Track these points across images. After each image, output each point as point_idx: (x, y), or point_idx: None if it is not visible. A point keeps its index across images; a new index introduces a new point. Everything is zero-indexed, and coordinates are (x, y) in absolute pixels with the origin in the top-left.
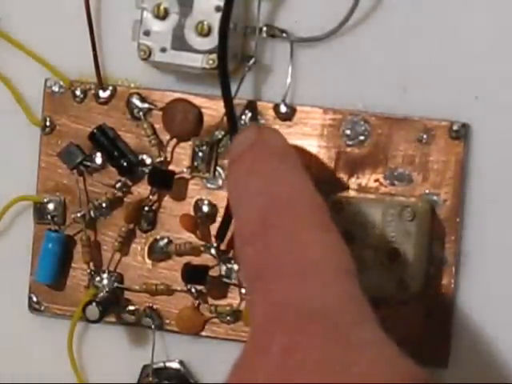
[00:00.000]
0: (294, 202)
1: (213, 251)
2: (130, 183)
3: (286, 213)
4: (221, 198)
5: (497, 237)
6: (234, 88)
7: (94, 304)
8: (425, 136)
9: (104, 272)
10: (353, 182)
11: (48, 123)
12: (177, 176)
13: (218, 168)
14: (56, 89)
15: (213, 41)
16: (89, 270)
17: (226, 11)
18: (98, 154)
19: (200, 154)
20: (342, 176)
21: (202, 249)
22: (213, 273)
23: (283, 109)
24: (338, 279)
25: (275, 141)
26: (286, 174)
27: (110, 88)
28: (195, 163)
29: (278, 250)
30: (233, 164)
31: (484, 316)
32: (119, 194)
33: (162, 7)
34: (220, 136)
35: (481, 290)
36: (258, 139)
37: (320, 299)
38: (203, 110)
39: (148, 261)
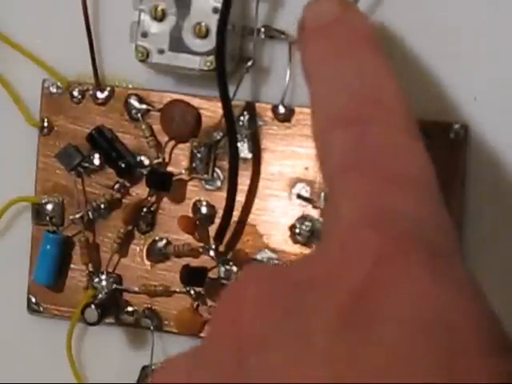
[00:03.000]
0: (390, 99)
1: (211, 253)
2: (128, 184)
3: (384, 108)
4: (219, 199)
5: (496, 238)
6: (232, 89)
7: (92, 306)
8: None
9: (103, 273)
10: None
11: (46, 124)
12: (175, 177)
13: (216, 169)
14: (54, 90)
15: (211, 42)
16: (87, 272)
17: (224, 13)
18: (96, 156)
19: (198, 155)
20: None
21: (200, 250)
22: (212, 274)
23: (282, 110)
24: (433, 199)
25: (361, 20)
26: (380, 63)
27: (108, 89)
28: (193, 164)
29: (374, 145)
30: (315, 33)
31: None
32: (117, 195)
33: (159, 9)
34: (218, 137)
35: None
36: (344, 15)
37: (421, 216)
38: (201, 112)
39: (147, 262)
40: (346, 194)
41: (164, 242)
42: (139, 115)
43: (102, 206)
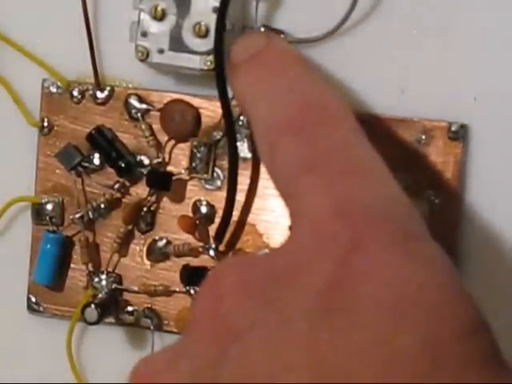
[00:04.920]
0: (329, 104)
1: (211, 252)
2: (128, 184)
3: (325, 112)
4: (219, 199)
5: (496, 237)
6: None
7: (92, 306)
8: (423, 137)
9: (103, 273)
10: None
11: (46, 124)
12: (175, 177)
13: (216, 169)
14: (54, 89)
15: (210, 42)
16: (87, 271)
17: (222, 11)
18: (96, 155)
19: (198, 154)
20: None
21: (200, 250)
22: None
23: None
24: (392, 184)
25: (288, 47)
26: (313, 77)
27: (108, 89)
28: (193, 164)
29: (326, 145)
30: (245, 63)
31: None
32: (117, 195)
33: (159, 8)
34: (218, 137)
35: (480, 291)
36: (270, 44)
37: (384, 200)
38: (201, 111)
39: (147, 262)
40: (311, 191)
41: (164, 241)
42: (139, 115)
43: (102, 205)
